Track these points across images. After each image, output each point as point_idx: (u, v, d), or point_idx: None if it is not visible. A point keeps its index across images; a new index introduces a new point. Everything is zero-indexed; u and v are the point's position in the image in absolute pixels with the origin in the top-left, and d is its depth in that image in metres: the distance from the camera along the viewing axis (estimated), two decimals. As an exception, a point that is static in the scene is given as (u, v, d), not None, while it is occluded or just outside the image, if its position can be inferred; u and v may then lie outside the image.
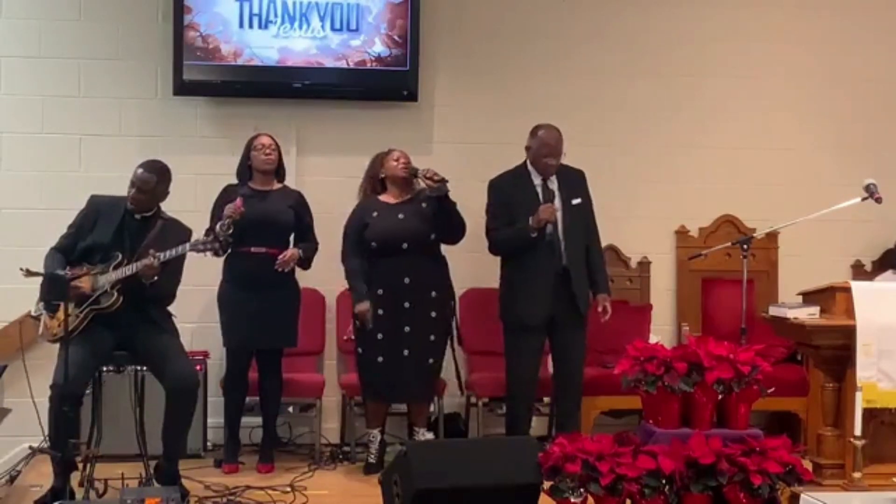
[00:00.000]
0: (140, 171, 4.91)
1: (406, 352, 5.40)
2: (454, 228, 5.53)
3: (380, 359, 5.42)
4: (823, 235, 6.35)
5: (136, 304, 4.83)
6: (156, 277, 4.78)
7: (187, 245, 4.87)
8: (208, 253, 5.01)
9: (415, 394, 5.56)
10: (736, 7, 6.60)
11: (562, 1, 6.49)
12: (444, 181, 5.35)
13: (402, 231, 5.43)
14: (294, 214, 5.56)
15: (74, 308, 4.74)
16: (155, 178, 4.91)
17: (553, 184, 5.55)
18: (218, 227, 5.06)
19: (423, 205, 5.49)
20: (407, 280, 5.41)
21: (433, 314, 5.46)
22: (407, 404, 5.72)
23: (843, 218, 5.59)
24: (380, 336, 5.42)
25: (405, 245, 5.42)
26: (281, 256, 5.43)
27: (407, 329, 5.40)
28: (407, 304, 5.41)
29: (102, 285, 4.78)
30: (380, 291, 5.44)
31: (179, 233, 4.97)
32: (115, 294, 4.78)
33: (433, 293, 5.46)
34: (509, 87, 6.42)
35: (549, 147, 5.48)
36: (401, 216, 5.46)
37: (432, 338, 5.47)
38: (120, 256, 4.82)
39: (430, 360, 5.47)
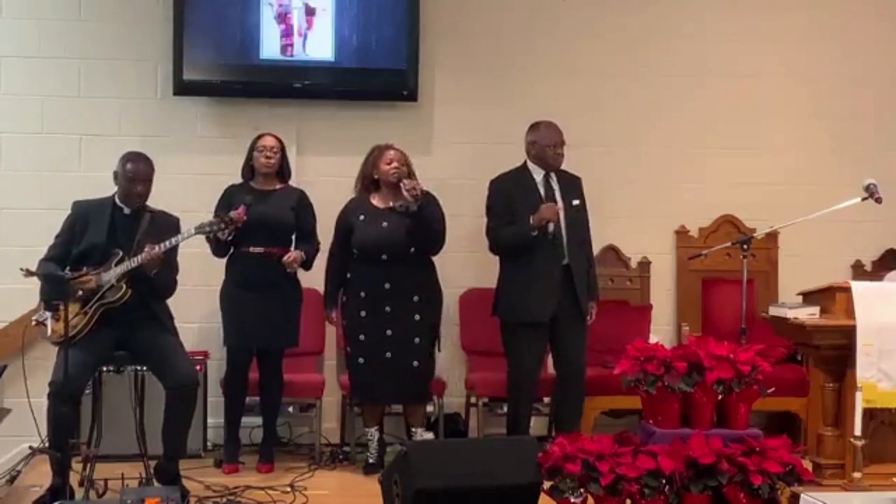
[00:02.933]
0: (130, 165, 4.91)
1: (389, 354, 5.40)
2: (427, 241, 5.49)
3: (361, 360, 5.45)
4: (823, 235, 6.35)
5: (143, 298, 4.84)
6: (156, 270, 4.79)
7: (192, 229, 4.90)
8: (212, 235, 5.05)
9: (401, 395, 5.56)
10: (736, 7, 6.60)
11: (562, 1, 6.49)
12: (417, 198, 5.29)
13: (382, 241, 5.41)
14: (294, 216, 5.55)
15: (81, 307, 4.75)
16: (150, 167, 4.96)
17: (554, 182, 5.56)
18: (220, 233, 5.09)
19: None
20: (387, 286, 5.41)
21: (417, 317, 5.44)
22: (402, 404, 5.72)
23: (843, 218, 5.58)
24: (362, 338, 5.44)
25: (384, 256, 5.42)
26: (286, 257, 5.42)
27: (389, 332, 5.40)
28: (388, 308, 5.40)
29: (108, 280, 4.78)
30: (362, 294, 5.45)
31: (169, 222, 5.00)
32: (124, 287, 4.78)
33: (415, 297, 5.44)
34: (509, 87, 6.42)
35: (555, 136, 5.53)
36: (385, 224, 5.43)
37: (417, 340, 5.44)
38: (120, 253, 4.82)
39: (416, 363, 5.45)
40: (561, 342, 5.55)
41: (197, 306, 5.93)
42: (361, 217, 5.48)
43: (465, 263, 5.95)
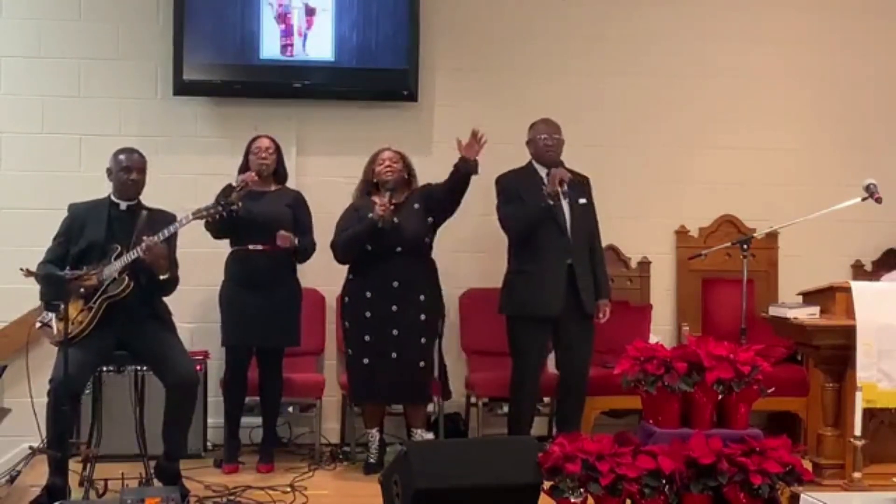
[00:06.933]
0: (123, 156, 4.96)
1: (394, 354, 5.39)
2: (460, 198, 5.52)
3: (365, 360, 5.44)
4: (823, 235, 6.35)
5: (145, 293, 4.85)
6: (167, 275, 4.81)
7: (190, 215, 4.90)
8: (212, 217, 5.05)
9: (404, 395, 5.56)
10: (736, 7, 6.60)
11: (562, 1, 6.49)
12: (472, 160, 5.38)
13: (397, 236, 5.42)
14: (291, 213, 5.55)
15: (85, 303, 4.75)
16: (143, 158, 4.99)
17: None
18: (218, 216, 5.07)
19: (416, 206, 5.49)
20: (396, 283, 5.41)
21: (422, 317, 5.44)
22: (402, 405, 5.72)
23: (843, 218, 5.58)
24: (367, 338, 5.43)
25: (399, 249, 5.43)
26: (279, 232, 5.38)
27: (395, 332, 5.40)
28: (395, 308, 5.40)
29: (109, 275, 4.79)
30: (368, 294, 5.44)
31: (166, 219, 5.00)
32: (126, 279, 4.79)
33: (422, 296, 5.45)
34: (509, 87, 6.42)
35: (549, 128, 5.56)
36: (396, 220, 5.44)
37: (422, 340, 5.45)
38: (119, 248, 4.83)
39: (421, 363, 5.45)
40: (563, 342, 5.55)
41: (197, 306, 5.94)
42: (371, 216, 5.43)
43: (466, 263, 5.95)
